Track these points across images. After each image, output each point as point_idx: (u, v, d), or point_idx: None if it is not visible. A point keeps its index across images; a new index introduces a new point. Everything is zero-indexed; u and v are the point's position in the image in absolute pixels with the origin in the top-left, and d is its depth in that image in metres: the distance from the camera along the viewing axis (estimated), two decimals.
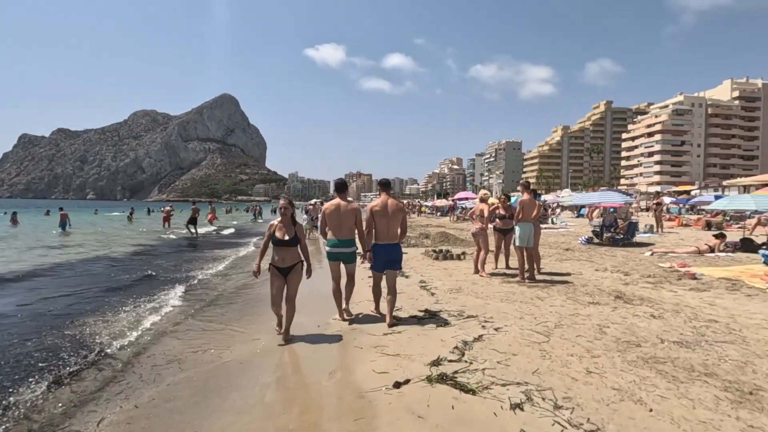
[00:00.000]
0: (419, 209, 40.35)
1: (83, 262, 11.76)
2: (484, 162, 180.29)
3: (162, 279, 8.99)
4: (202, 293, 7.51)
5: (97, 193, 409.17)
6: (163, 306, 6.54)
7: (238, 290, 7.69)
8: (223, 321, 5.63)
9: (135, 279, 9.00)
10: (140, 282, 8.68)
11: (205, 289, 7.86)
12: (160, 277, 9.26)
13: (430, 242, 13.69)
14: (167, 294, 7.37)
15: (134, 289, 7.99)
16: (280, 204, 4.63)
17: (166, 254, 13.69)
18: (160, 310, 6.27)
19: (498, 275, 7.92)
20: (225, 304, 6.58)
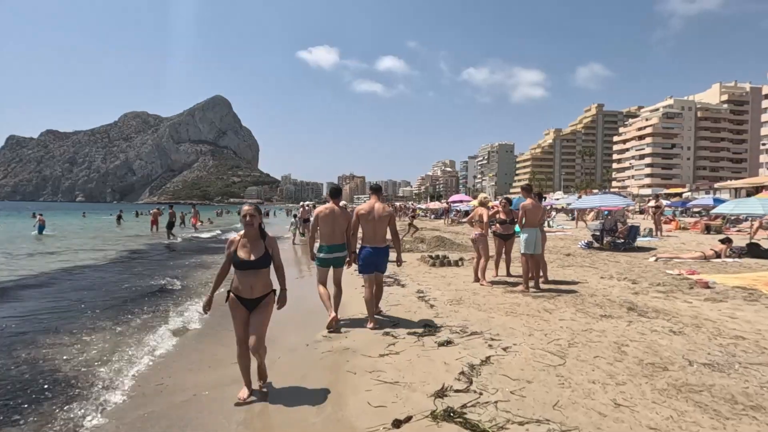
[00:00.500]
0: (414, 213, 39.79)
1: (47, 275, 10.41)
2: (477, 164, 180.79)
3: (134, 289, 8.42)
4: (174, 306, 6.97)
5: (86, 195, 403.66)
6: (122, 322, 6.01)
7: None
8: (199, 340, 5.12)
9: (106, 295, 8.18)
10: (110, 297, 8.10)
11: (182, 300, 7.32)
12: (133, 287, 8.69)
13: (426, 247, 13.24)
14: (134, 311, 6.82)
15: (106, 311, 7.41)
16: (243, 210, 3.31)
17: (145, 261, 13.01)
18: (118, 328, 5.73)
19: (500, 284, 7.48)
20: (199, 319, 6.05)
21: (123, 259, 13.36)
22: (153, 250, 16.03)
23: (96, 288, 8.59)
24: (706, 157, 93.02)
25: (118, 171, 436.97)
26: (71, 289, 8.54)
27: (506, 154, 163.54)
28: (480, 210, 7.52)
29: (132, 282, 9.10)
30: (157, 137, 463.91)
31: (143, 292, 8.04)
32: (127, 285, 8.79)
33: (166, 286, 8.56)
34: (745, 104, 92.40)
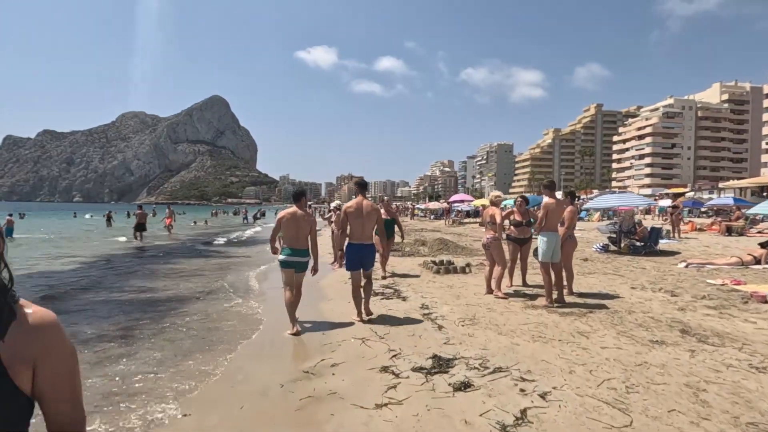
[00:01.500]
0: (412, 212, 38.84)
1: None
2: (475, 164, 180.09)
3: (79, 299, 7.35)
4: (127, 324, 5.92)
5: (84, 195, 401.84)
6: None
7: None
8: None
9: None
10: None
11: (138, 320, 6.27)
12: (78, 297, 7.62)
13: (428, 250, 12.21)
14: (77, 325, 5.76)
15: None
16: None
17: (113, 267, 11.63)
18: None
19: (517, 296, 6.44)
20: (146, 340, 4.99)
21: (80, 269, 11.32)
22: (123, 256, 14.17)
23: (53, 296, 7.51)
24: (707, 157, 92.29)
25: (116, 171, 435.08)
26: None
27: (505, 154, 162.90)
28: (492, 210, 6.48)
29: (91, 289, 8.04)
30: (155, 137, 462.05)
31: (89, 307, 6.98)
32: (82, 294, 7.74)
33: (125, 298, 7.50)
34: (745, 104, 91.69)
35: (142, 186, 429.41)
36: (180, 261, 12.61)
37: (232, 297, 7.24)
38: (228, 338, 4.92)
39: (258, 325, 5.44)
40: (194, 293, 7.62)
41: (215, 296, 7.35)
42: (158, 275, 9.85)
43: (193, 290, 7.91)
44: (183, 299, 7.16)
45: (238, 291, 7.76)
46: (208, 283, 8.73)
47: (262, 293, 7.52)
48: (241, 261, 12.63)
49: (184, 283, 8.78)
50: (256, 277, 9.29)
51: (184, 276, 9.70)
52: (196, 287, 8.22)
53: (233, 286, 8.19)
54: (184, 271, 10.56)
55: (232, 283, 8.62)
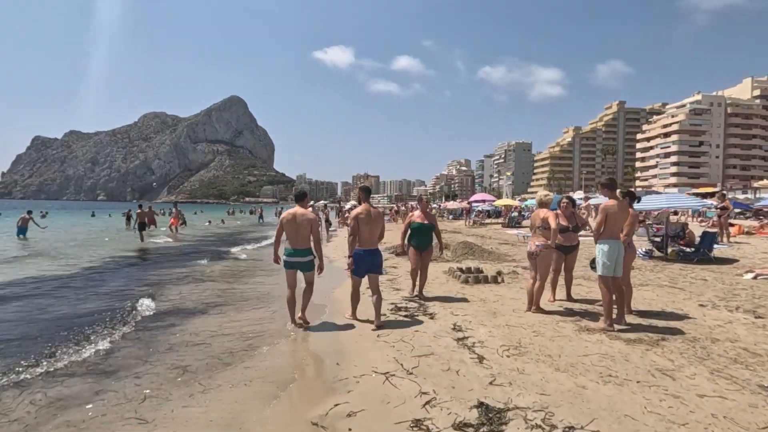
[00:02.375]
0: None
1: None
2: (493, 163, 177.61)
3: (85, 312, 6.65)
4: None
5: (107, 194, 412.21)
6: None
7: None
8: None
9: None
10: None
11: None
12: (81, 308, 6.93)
13: (451, 255, 11.27)
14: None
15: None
16: None
17: (122, 269, 10.89)
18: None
19: (564, 315, 5.47)
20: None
21: (85, 273, 10.24)
22: (129, 258, 13.47)
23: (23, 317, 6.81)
24: (737, 155, 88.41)
25: (138, 170, 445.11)
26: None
27: (523, 152, 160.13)
28: (544, 212, 5.47)
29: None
30: (175, 137, 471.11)
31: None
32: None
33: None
34: None
35: (163, 185, 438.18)
36: (188, 265, 11.94)
37: (225, 309, 6.41)
38: (214, 364, 4.11)
39: (253, 348, 4.62)
40: (185, 306, 6.88)
41: (218, 308, 6.59)
42: (160, 283, 9.18)
43: (181, 303, 7.17)
44: (181, 312, 6.41)
45: (234, 302, 6.97)
46: (212, 290, 7.99)
47: (263, 303, 6.72)
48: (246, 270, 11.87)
49: (181, 288, 8.05)
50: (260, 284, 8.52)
51: (178, 283, 8.99)
52: (189, 297, 7.48)
53: (232, 295, 7.43)
54: (185, 276, 9.87)
55: (231, 291, 7.86)
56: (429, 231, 6.44)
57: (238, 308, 6.42)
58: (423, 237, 6.39)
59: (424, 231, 6.39)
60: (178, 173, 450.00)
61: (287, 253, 5.08)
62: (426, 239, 6.41)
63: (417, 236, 6.41)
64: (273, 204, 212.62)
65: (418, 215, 6.51)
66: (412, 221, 6.51)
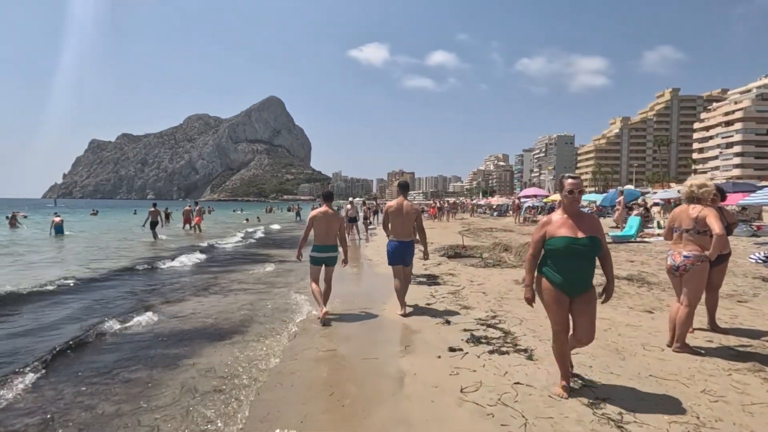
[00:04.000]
0: (473, 208, 35.87)
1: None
2: (533, 157, 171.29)
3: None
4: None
5: (155, 193, 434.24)
6: None
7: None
8: None
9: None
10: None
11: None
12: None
13: (515, 258, 9.75)
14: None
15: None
16: None
17: (141, 276, 9.59)
18: None
19: (726, 357, 3.76)
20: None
21: (113, 276, 9.54)
22: (158, 258, 12.19)
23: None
24: None
25: (183, 170, 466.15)
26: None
27: (566, 146, 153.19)
28: (697, 209, 3.88)
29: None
30: (217, 138, 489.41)
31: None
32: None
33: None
34: None
35: (206, 184, 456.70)
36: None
37: (248, 332, 5.08)
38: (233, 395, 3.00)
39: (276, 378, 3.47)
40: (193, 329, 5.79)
41: (241, 330, 5.46)
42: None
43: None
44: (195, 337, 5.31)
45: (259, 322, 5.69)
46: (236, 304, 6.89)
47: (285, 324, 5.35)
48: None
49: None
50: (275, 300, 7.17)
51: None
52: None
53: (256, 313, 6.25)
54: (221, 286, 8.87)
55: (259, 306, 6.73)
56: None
57: (263, 333, 4.95)
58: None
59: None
60: (221, 172, 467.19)
61: (316, 249, 5.30)
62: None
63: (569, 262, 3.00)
64: (310, 201, 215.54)
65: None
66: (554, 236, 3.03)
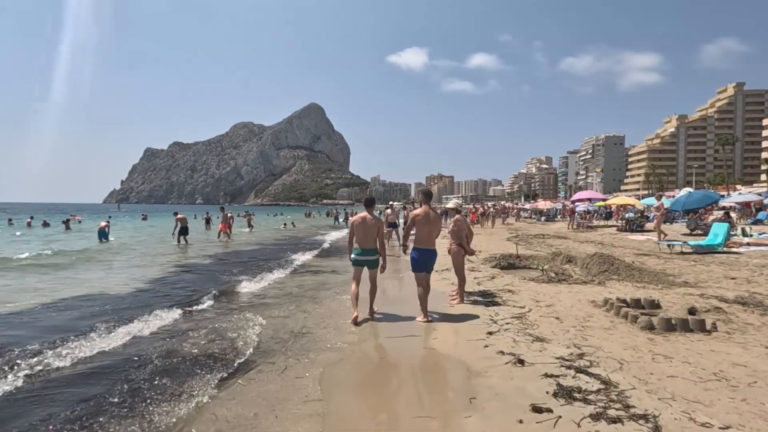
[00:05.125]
0: (518, 213, 33.92)
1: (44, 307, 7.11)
2: (579, 160, 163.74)
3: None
4: None
5: (204, 198, 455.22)
6: None
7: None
8: None
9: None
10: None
11: None
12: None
13: (582, 272, 8.50)
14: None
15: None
16: None
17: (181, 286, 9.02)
18: None
19: None
20: None
21: (147, 285, 9.12)
22: (198, 268, 11.90)
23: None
24: None
25: (229, 176, 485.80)
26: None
27: (614, 147, 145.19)
28: None
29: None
30: (261, 144, 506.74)
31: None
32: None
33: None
34: None
35: (251, 189, 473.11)
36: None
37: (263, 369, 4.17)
38: None
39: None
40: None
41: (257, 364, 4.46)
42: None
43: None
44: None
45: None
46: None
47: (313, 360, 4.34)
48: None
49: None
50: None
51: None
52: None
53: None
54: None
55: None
56: None
57: (282, 369, 4.02)
58: None
59: None
60: (264, 177, 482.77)
61: (356, 252, 5.61)
62: None
63: None
64: (348, 205, 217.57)
65: None
66: None
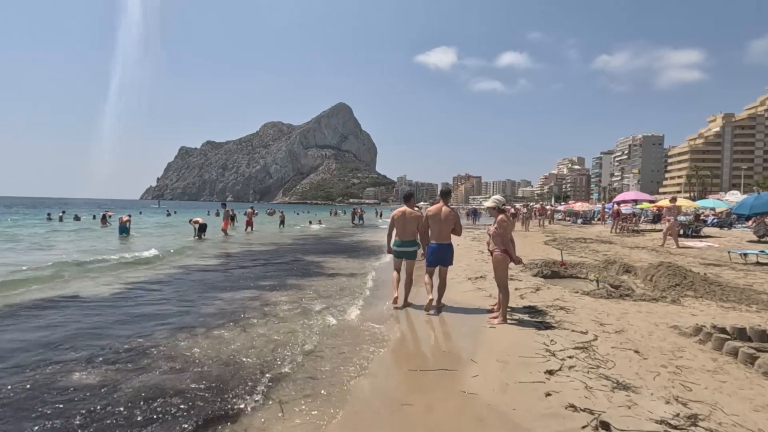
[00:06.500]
0: (551, 215, 32.09)
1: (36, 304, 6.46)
2: (613, 160, 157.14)
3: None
4: None
5: (234, 195, 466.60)
6: None
7: None
8: None
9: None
10: None
11: None
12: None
13: (646, 285, 7.29)
14: None
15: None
16: None
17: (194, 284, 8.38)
18: None
19: None
20: None
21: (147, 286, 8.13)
22: (213, 268, 10.80)
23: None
24: None
25: (259, 174, 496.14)
26: None
27: (653, 147, 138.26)
28: None
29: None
30: (290, 144, 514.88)
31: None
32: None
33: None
34: None
35: (279, 187, 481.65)
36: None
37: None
38: None
39: None
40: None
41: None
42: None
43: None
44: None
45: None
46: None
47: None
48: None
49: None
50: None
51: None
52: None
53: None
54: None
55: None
56: None
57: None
58: None
59: None
60: (292, 176, 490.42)
61: (396, 244, 6.05)
62: None
63: None
64: (374, 205, 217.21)
65: None
66: None
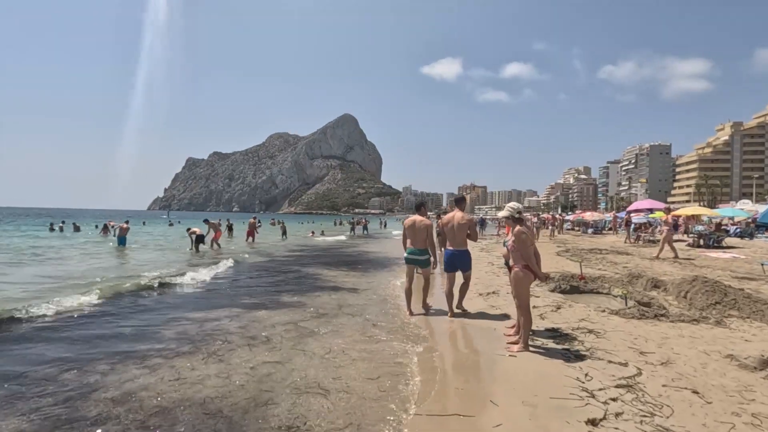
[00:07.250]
0: (561, 224, 31.10)
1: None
2: (620, 170, 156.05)
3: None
4: None
5: (240, 206, 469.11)
6: None
7: None
8: None
9: None
10: None
11: None
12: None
13: (680, 301, 6.83)
14: None
15: None
16: None
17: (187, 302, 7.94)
18: None
19: None
20: None
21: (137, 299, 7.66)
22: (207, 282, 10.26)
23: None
24: None
25: (264, 185, 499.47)
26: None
27: (660, 156, 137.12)
28: None
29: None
30: (295, 154, 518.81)
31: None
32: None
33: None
34: None
35: (285, 197, 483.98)
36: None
37: None
38: None
39: None
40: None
41: None
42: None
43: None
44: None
45: None
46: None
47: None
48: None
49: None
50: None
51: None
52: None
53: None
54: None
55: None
56: None
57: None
58: None
59: None
60: (298, 187, 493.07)
61: (408, 251, 6.12)
62: None
63: None
64: (379, 215, 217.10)
65: None
66: None
